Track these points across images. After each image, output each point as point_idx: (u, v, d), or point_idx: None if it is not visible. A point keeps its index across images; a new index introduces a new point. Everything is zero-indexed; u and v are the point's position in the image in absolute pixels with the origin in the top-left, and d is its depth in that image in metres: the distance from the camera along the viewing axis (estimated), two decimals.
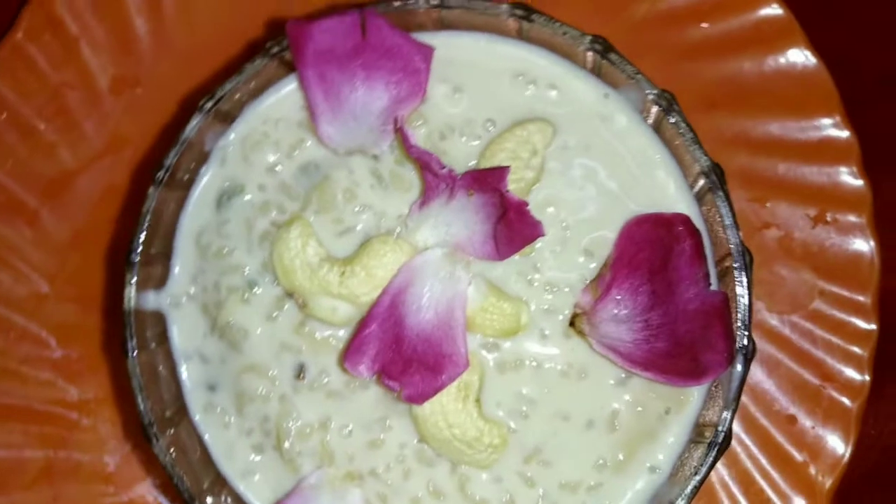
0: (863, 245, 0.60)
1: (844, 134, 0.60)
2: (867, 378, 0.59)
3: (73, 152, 0.62)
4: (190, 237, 0.52)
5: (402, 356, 0.47)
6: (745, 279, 0.49)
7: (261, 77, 0.51)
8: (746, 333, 0.49)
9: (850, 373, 0.60)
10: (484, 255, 0.49)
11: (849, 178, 0.60)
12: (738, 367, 0.49)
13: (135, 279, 0.50)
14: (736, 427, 0.59)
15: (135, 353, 0.49)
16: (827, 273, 0.60)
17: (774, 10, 0.60)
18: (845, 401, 0.60)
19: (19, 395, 0.60)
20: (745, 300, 0.49)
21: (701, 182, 0.50)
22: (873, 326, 0.60)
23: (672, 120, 0.49)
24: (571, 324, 0.50)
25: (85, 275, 0.61)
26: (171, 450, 0.50)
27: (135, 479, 0.60)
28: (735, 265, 0.49)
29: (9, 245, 0.61)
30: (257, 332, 0.50)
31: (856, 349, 0.60)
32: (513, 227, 0.47)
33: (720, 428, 0.48)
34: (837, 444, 0.59)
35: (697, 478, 0.48)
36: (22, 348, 0.61)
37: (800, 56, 0.60)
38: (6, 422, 0.60)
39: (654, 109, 0.50)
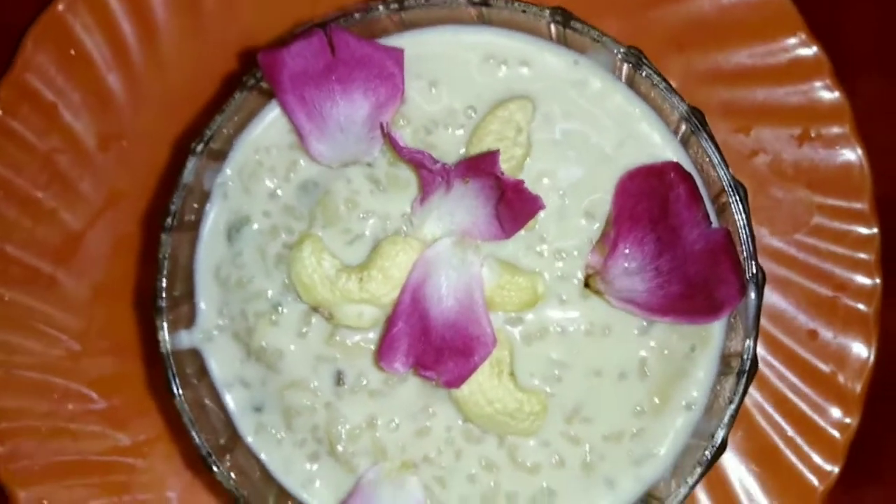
0: (850, 154, 0.60)
1: (812, 50, 0.60)
2: (878, 281, 0.60)
3: (74, 214, 0.62)
4: (208, 274, 0.53)
5: (433, 346, 0.49)
6: (742, 212, 0.50)
7: (243, 110, 0.51)
8: (754, 262, 0.50)
9: (861, 279, 0.60)
10: (490, 237, 0.50)
11: (824, 92, 0.60)
12: (752, 296, 0.50)
13: (165, 324, 0.51)
14: (761, 350, 0.60)
15: (180, 393, 0.51)
16: (821, 187, 0.61)
17: None
18: (861, 307, 0.60)
19: (73, 451, 0.62)
20: (747, 231, 0.50)
21: (683, 127, 0.51)
22: (875, 230, 0.60)
23: (643, 74, 0.50)
24: (586, 285, 0.51)
25: (112, 327, 0.62)
26: (232, 474, 0.51)
27: None
28: (730, 200, 0.50)
29: (33, 313, 0.62)
30: (291, 349, 0.52)
31: (862, 255, 0.60)
32: (513, 206, 0.48)
33: (745, 356, 0.50)
34: (861, 350, 0.60)
35: (733, 406, 0.50)
36: (67, 407, 0.62)
37: None
38: (66, 478, 0.61)
39: (625, 67, 0.50)
